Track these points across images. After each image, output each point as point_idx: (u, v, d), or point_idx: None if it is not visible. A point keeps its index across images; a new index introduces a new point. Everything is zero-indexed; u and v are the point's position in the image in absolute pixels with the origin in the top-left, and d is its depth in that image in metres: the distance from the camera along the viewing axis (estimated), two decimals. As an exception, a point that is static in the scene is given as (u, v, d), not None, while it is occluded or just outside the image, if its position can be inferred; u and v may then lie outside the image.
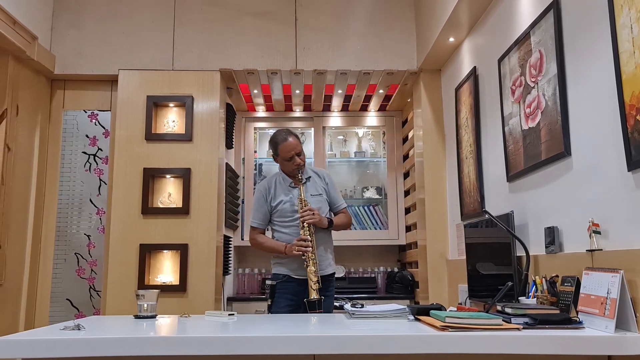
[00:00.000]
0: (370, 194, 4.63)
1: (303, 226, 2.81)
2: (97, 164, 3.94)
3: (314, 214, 2.82)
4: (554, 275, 2.01)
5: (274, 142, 2.95)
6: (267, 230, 3.05)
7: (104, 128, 3.97)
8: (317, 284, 2.71)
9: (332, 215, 3.05)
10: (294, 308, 2.80)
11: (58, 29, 3.67)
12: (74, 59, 3.66)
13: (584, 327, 1.67)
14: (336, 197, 3.06)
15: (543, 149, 2.22)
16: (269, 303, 2.84)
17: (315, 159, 4.52)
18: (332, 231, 3.03)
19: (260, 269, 4.46)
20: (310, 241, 2.78)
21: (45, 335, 1.64)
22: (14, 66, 3.27)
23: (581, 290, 1.77)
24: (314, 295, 2.68)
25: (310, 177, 3.01)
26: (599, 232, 1.81)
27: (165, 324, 2.04)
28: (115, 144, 3.56)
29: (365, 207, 4.55)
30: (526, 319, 1.70)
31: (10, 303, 3.28)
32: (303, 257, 2.76)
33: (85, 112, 3.95)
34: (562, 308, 1.86)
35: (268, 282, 2.88)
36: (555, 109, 2.13)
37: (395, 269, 4.46)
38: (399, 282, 4.14)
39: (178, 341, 1.61)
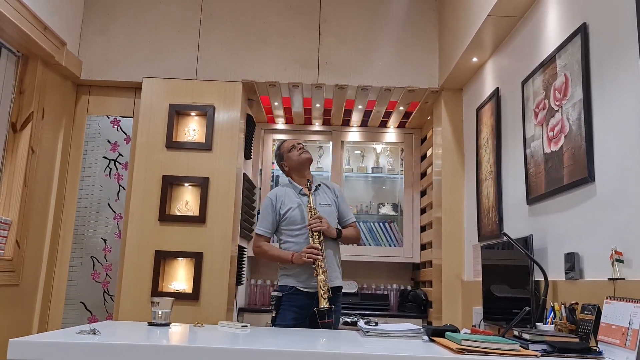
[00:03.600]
0: (386, 210, 4.61)
1: (312, 234, 2.75)
2: (117, 169, 3.98)
3: (321, 221, 2.78)
4: (573, 302, 1.98)
5: (277, 148, 3.11)
6: (273, 240, 3.02)
7: (125, 134, 4.02)
8: (328, 293, 2.62)
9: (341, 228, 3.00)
10: (299, 322, 2.73)
11: (86, 35, 3.75)
12: (100, 66, 3.73)
13: (603, 357, 1.63)
14: (346, 210, 3.03)
15: (565, 174, 2.19)
16: (274, 315, 2.78)
17: (332, 173, 4.53)
18: (341, 244, 2.99)
19: (272, 280, 4.46)
20: (320, 249, 2.72)
21: (63, 338, 1.65)
22: (42, 71, 3.34)
23: (602, 320, 1.74)
24: (324, 304, 2.59)
25: (320, 185, 3.00)
26: (622, 261, 1.78)
27: (179, 332, 2.05)
28: (136, 151, 3.60)
29: (380, 224, 4.53)
30: (544, 346, 1.68)
31: (26, 303, 3.31)
32: (313, 266, 2.69)
33: (108, 117, 4.00)
34: (582, 336, 1.82)
35: (274, 293, 2.81)
36: (579, 134, 2.11)
37: (409, 287, 4.42)
38: (412, 301, 4.10)
39: (193, 351, 1.61)
